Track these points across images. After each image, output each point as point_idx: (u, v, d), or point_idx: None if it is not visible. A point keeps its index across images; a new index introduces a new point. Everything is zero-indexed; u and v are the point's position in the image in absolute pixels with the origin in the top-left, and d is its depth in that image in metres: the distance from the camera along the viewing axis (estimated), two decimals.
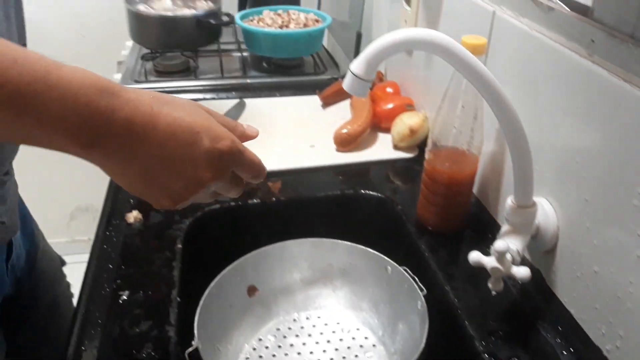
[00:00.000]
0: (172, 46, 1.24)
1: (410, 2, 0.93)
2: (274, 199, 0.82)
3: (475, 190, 0.76)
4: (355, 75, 0.51)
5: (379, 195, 0.83)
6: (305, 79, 1.27)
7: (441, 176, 0.70)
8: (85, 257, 2.28)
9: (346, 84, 0.53)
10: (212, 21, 1.20)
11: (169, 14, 1.24)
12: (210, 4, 1.27)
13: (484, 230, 0.73)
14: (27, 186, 2.04)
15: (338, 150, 0.93)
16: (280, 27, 1.27)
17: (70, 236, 2.15)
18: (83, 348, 0.58)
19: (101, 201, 2.25)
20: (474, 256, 0.57)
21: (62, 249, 2.23)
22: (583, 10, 0.56)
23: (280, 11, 1.35)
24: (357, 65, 0.51)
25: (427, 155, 0.72)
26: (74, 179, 2.03)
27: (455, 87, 0.65)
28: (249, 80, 1.24)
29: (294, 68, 1.32)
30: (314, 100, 1.13)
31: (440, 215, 0.73)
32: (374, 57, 0.50)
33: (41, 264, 0.81)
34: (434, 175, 0.71)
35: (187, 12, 1.26)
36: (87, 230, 2.14)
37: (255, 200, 0.81)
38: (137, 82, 1.21)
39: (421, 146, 0.93)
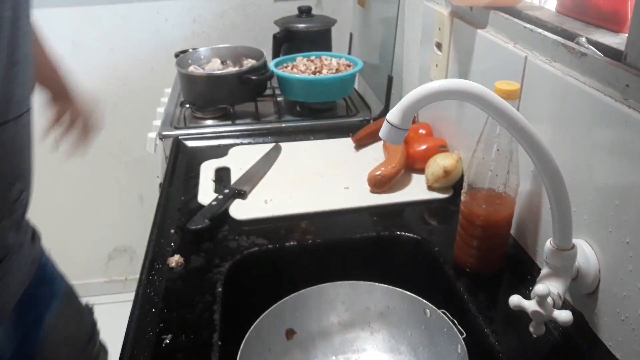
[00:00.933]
0: (217, 102, 1.31)
1: (442, 47, 0.96)
2: (310, 241, 0.84)
3: (512, 231, 0.76)
4: (392, 125, 0.53)
5: (415, 236, 0.83)
6: (338, 122, 1.30)
7: (478, 218, 0.70)
8: (122, 296, 2.33)
9: (383, 133, 0.54)
10: (253, 77, 1.26)
11: (215, 72, 1.30)
12: (254, 62, 1.34)
13: (522, 272, 0.73)
14: (67, 228, 2.12)
15: (372, 191, 0.94)
16: (314, 73, 1.31)
17: (108, 276, 2.20)
18: None
19: (138, 242, 2.30)
20: (515, 300, 0.56)
21: (99, 289, 2.30)
22: (616, 56, 0.57)
23: (313, 57, 1.40)
24: (393, 115, 0.53)
25: (463, 197, 0.72)
26: (112, 221, 2.09)
27: (490, 131, 0.66)
28: (283, 125, 1.28)
29: (327, 111, 1.36)
30: (348, 142, 1.15)
31: (478, 257, 0.73)
32: (410, 108, 0.52)
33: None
34: (471, 218, 0.71)
35: (231, 69, 1.32)
36: (124, 270, 2.20)
37: (292, 243, 0.83)
38: (176, 128, 1.26)
39: (455, 187, 0.94)
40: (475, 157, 0.69)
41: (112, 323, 1.98)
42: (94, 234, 2.10)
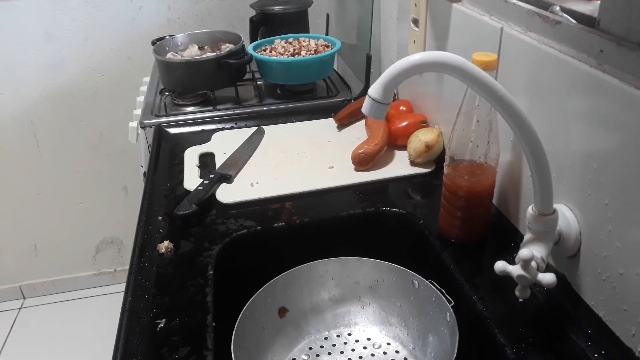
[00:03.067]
0: (197, 88, 1.30)
1: (418, 23, 0.96)
2: (297, 221, 0.84)
3: (495, 201, 0.78)
4: (374, 100, 0.54)
5: (400, 211, 0.84)
6: (319, 103, 1.30)
7: (460, 189, 0.72)
8: (111, 288, 2.33)
9: (365, 108, 0.55)
10: (232, 61, 1.25)
11: (193, 58, 1.29)
12: (232, 46, 1.33)
13: (506, 240, 0.75)
14: (53, 223, 2.11)
15: (356, 169, 0.95)
16: (292, 54, 1.31)
17: (97, 269, 2.19)
18: None
19: (125, 233, 2.30)
20: (500, 266, 0.58)
21: (88, 282, 2.30)
22: (590, 22, 0.58)
23: (291, 39, 1.39)
24: (374, 90, 0.54)
25: (445, 170, 0.74)
26: (97, 213, 2.08)
27: (469, 103, 0.67)
28: (265, 108, 1.28)
29: (307, 93, 1.36)
30: (330, 122, 1.16)
31: (462, 228, 0.74)
32: (390, 82, 0.53)
33: None
34: (454, 189, 0.73)
35: (209, 55, 1.31)
36: (112, 262, 2.19)
37: (280, 224, 0.84)
38: (157, 116, 1.26)
39: (437, 161, 0.95)
40: (455, 130, 0.70)
41: (103, 315, 1.99)
42: (80, 227, 2.09)
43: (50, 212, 2.04)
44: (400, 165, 0.96)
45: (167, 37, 1.42)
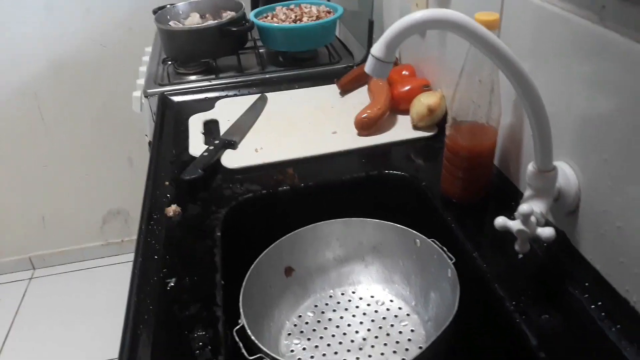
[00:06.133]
0: (199, 56, 1.29)
1: None
2: (302, 184, 0.86)
3: (496, 161, 0.79)
4: (377, 59, 0.54)
5: (403, 173, 0.86)
6: (321, 69, 1.30)
7: (462, 150, 0.73)
8: (119, 258, 2.37)
9: (368, 67, 0.56)
10: (233, 28, 1.25)
11: (195, 26, 1.29)
12: (234, 13, 1.32)
13: (507, 199, 0.76)
14: (59, 195, 2.13)
15: (359, 134, 0.96)
16: (294, 21, 1.30)
17: (104, 239, 2.22)
18: (139, 332, 0.62)
19: (131, 204, 2.33)
20: (500, 221, 0.59)
21: (96, 253, 2.34)
22: None
23: (292, 6, 1.38)
24: (377, 49, 0.54)
25: (447, 131, 0.75)
26: (103, 185, 2.10)
27: (472, 63, 0.67)
28: (267, 75, 1.28)
29: (310, 60, 1.36)
30: (332, 88, 1.16)
31: (464, 187, 0.76)
32: (393, 40, 0.54)
33: None
34: (456, 150, 0.74)
35: (211, 22, 1.30)
36: (120, 233, 2.22)
37: (285, 187, 0.85)
38: (160, 85, 1.26)
39: (440, 124, 0.96)
40: (457, 91, 0.71)
41: (111, 284, 2.03)
42: (87, 198, 2.12)
43: (57, 184, 2.06)
44: (402, 130, 0.97)
45: (168, 6, 1.41)
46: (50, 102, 1.89)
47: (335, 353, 0.68)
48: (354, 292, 0.77)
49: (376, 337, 0.70)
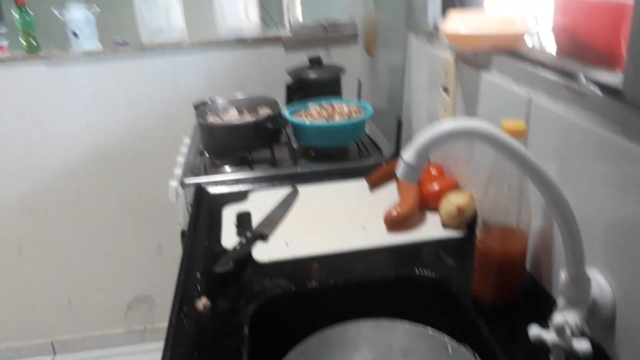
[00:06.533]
0: (236, 150, 1.36)
1: (448, 90, 1.01)
2: (331, 281, 0.86)
3: (527, 265, 0.78)
4: (407, 164, 0.57)
5: (434, 275, 0.85)
6: (351, 165, 1.34)
7: (493, 254, 0.73)
8: (141, 347, 2.32)
9: (399, 172, 0.58)
10: (269, 125, 1.31)
11: (233, 122, 1.36)
12: (270, 110, 1.40)
13: (539, 305, 0.74)
14: (87, 278, 2.16)
15: (389, 231, 0.97)
16: (326, 119, 1.36)
17: (127, 326, 2.21)
18: None
19: (157, 291, 2.32)
20: (534, 331, 0.58)
21: (118, 340, 2.31)
22: (614, 93, 0.60)
23: (324, 104, 1.45)
24: (408, 155, 0.57)
25: (478, 234, 0.75)
26: (132, 270, 2.12)
27: (501, 169, 0.69)
28: (299, 169, 1.33)
29: (340, 155, 1.40)
30: (362, 184, 1.19)
31: (496, 292, 0.75)
32: (424, 148, 0.56)
33: None
34: (487, 253, 0.74)
35: (248, 119, 1.38)
36: (143, 320, 2.21)
37: (314, 284, 0.85)
38: (197, 175, 1.31)
39: (469, 224, 0.96)
40: (487, 195, 0.72)
41: None
42: (114, 283, 2.13)
43: (86, 267, 2.09)
44: (432, 228, 0.97)
45: (208, 101, 1.50)
46: (87, 187, 1.97)
47: None
48: None
49: None
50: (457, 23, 0.91)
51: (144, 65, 1.82)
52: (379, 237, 0.96)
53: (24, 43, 1.78)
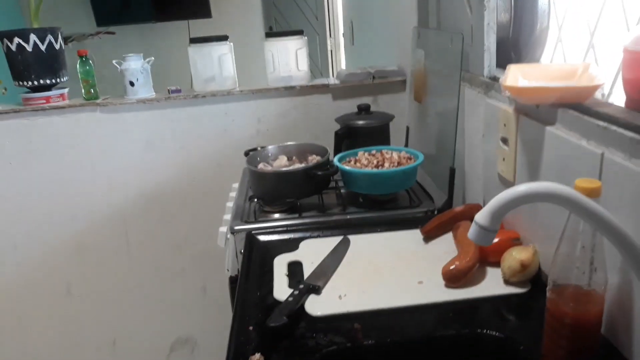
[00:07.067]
0: (285, 197, 1.36)
1: (508, 142, 0.98)
2: (388, 339, 0.83)
3: (603, 329, 0.73)
4: (481, 226, 0.55)
5: (498, 334, 0.81)
6: (402, 212, 1.32)
7: (566, 317, 0.69)
8: None
9: (472, 234, 0.56)
10: (319, 172, 1.32)
11: (283, 169, 1.38)
12: (320, 158, 1.41)
13: None
14: (131, 318, 2.17)
15: (447, 286, 0.94)
16: (376, 166, 1.35)
17: None
18: None
19: (200, 333, 2.32)
20: None
21: None
22: None
23: (374, 151, 1.45)
24: (482, 218, 0.55)
25: (548, 295, 0.71)
26: (176, 311, 2.13)
27: (573, 228, 0.66)
28: (348, 217, 1.31)
29: (390, 202, 1.38)
30: (415, 234, 1.16)
31: (570, 358, 0.70)
32: (498, 210, 0.54)
33: None
34: (559, 316, 0.70)
35: (298, 166, 1.39)
36: None
37: (370, 342, 0.82)
38: (246, 222, 1.31)
39: (533, 281, 0.92)
40: (558, 254, 0.68)
41: None
42: (158, 324, 2.14)
43: (131, 308, 2.11)
44: (493, 284, 0.93)
45: (259, 148, 1.52)
46: (135, 229, 2.00)
47: None
48: None
49: None
50: (519, 75, 0.89)
51: (195, 112, 1.88)
52: (437, 292, 0.93)
53: (84, 91, 1.87)
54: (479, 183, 1.23)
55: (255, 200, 1.43)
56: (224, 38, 1.86)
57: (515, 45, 1.19)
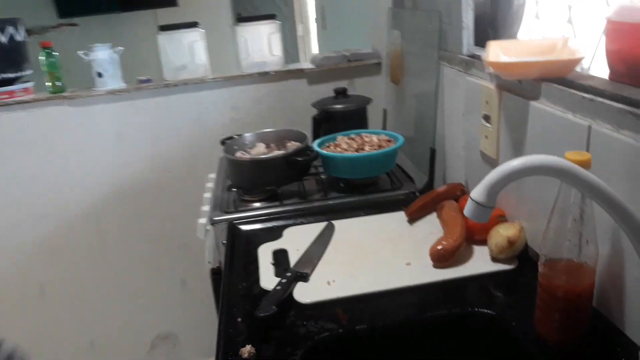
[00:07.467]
0: (266, 185, 1.33)
1: (491, 119, 0.98)
2: (380, 322, 0.82)
3: (594, 301, 0.74)
4: (477, 203, 0.53)
5: (489, 311, 0.81)
6: (383, 196, 1.31)
7: (559, 290, 0.69)
8: None
9: (468, 211, 0.55)
10: (299, 158, 1.29)
11: (263, 157, 1.34)
12: (299, 144, 1.38)
13: (610, 343, 0.70)
14: (111, 315, 2.12)
15: (435, 266, 0.93)
16: (357, 150, 1.34)
17: None
18: None
19: (181, 328, 2.28)
20: None
21: None
22: None
23: (353, 135, 1.43)
24: (479, 194, 0.53)
25: (540, 269, 0.71)
26: (155, 307, 2.08)
27: (564, 202, 0.65)
28: (330, 202, 1.29)
29: (370, 186, 1.37)
30: (399, 216, 1.15)
31: (562, 331, 0.70)
32: (494, 186, 0.53)
33: None
34: (551, 290, 0.69)
35: (277, 153, 1.36)
36: (167, 358, 2.15)
37: (363, 326, 0.81)
38: (226, 212, 1.28)
39: (519, 257, 0.92)
40: (550, 228, 0.68)
41: None
42: (137, 321, 2.09)
43: (109, 307, 2.06)
44: (480, 262, 0.93)
45: (235, 136, 1.48)
46: (110, 224, 1.95)
47: None
48: None
49: None
50: (499, 52, 0.88)
51: (167, 102, 1.82)
52: (425, 272, 0.92)
53: (49, 84, 1.79)
54: (460, 162, 1.23)
55: (234, 189, 1.40)
56: (194, 25, 1.81)
57: (492, 22, 1.18)
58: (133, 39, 3.89)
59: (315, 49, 3.85)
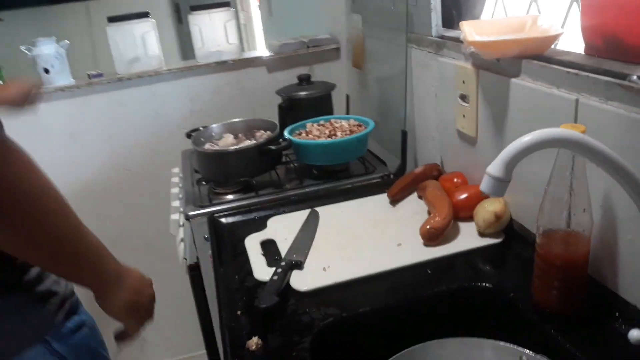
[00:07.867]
0: (239, 176, 1.30)
1: (468, 98, 1.00)
2: (382, 304, 0.83)
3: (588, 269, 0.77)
4: (495, 178, 0.55)
5: (487, 285, 0.83)
6: (359, 180, 1.32)
7: (557, 259, 0.72)
8: None
9: (484, 186, 0.56)
10: (272, 147, 1.27)
11: (234, 147, 1.32)
12: (269, 133, 1.36)
13: (608, 307, 0.73)
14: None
15: (426, 245, 0.95)
16: (329, 136, 1.34)
17: None
18: None
19: (149, 330, 2.21)
20: (635, 335, 0.57)
21: None
22: None
23: (322, 122, 1.43)
24: (496, 169, 0.55)
25: (538, 240, 0.74)
26: None
27: (560, 172, 0.68)
28: (307, 190, 1.29)
29: (343, 171, 1.38)
30: (381, 198, 1.16)
31: (561, 298, 0.73)
32: (512, 159, 0.54)
33: None
34: (550, 259, 0.72)
35: (248, 143, 1.34)
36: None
37: (365, 308, 0.82)
38: (201, 207, 1.25)
39: (505, 230, 0.95)
40: (546, 200, 0.71)
41: None
42: (99, 323, 2.01)
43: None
44: (469, 238, 0.96)
45: (201, 128, 1.44)
46: None
47: None
48: None
49: None
50: (472, 31, 0.90)
51: (121, 97, 1.75)
52: (417, 252, 0.94)
53: None
54: (433, 143, 1.25)
55: (204, 182, 1.36)
56: (145, 15, 1.73)
57: (455, 3, 1.21)
58: (65, 34, 3.68)
59: (260, 37, 3.79)
